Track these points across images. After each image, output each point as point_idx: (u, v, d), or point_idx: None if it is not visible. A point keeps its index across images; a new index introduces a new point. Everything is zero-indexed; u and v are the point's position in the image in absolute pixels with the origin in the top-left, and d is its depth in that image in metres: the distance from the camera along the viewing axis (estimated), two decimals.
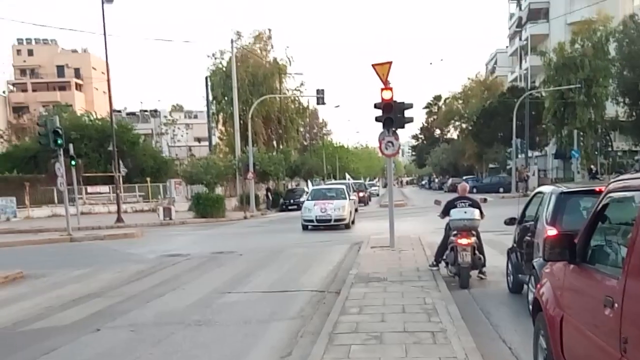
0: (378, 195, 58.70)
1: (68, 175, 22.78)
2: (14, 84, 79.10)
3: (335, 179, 50.90)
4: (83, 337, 7.47)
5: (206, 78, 45.25)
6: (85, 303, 9.66)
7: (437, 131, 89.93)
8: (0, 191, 32.67)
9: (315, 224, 20.74)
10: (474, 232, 9.86)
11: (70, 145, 26.17)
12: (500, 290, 9.31)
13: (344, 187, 23.87)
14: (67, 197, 22.38)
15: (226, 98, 44.47)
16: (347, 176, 48.82)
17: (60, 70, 78.94)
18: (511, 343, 6.50)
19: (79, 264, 14.38)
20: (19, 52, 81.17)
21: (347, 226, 20.98)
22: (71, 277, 12.59)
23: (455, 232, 9.85)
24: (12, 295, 10.77)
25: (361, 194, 38.97)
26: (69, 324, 8.25)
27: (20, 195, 33.38)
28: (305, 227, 21.08)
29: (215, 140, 51.31)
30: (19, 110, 69.64)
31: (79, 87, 79.45)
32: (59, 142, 20.45)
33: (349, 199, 22.16)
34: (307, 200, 22.52)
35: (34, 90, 76.80)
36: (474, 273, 9.99)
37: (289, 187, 47.59)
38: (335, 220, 20.71)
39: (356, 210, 27.31)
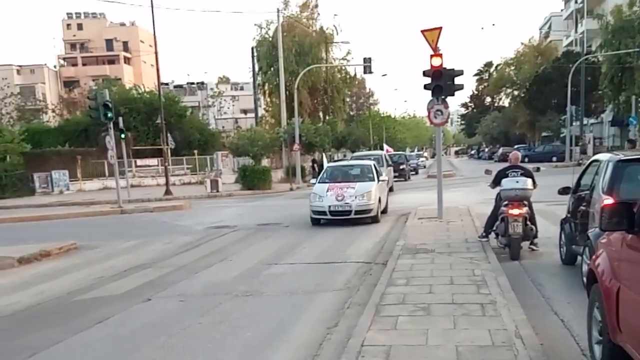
0: (425, 167, 54.95)
1: (118, 149, 23.23)
2: (64, 58, 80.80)
3: (382, 149, 49.34)
4: (135, 307, 7.64)
5: (252, 49, 45.22)
6: (136, 273, 9.89)
7: (488, 99, 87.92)
8: (54, 164, 33.66)
9: (329, 217, 14.67)
10: (525, 202, 9.60)
11: (120, 119, 26.51)
12: (553, 262, 9.07)
13: (371, 164, 17.22)
14: (118, 170, 22.87)
15: (272, 69, 44.44)
16: (385, 147, 44.47)
17: (109, 44, 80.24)
18: (563, 315, 6.33)
19: (129, 236, 14.74)
20: (68, 26, 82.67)
21: (375, 219, 14.83)
22: (122, 248, 12.92)
23: (506, 202, 9.60)
24: (66, 265, 11.12)
25: (401, 167, 34.43)
26: (121, 294, 8.46)
27: (73, 168, 34.32)
28: (315, 222, 14.97)
29: (261, 111, 51.46)
30: (69, 84, 71.27)
31: (127, 60, 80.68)
32: (109, 115, 20.80)
33: (379, 180, 15.88)
34: (319, 182, 16.21)
35: (84, 65, 78.34)
36: (525, 244, 9.75)
37: (335, 158, 47.39)
38: (357, 212, 14.53)
39: (390, 189, 22.72)
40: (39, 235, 14.81)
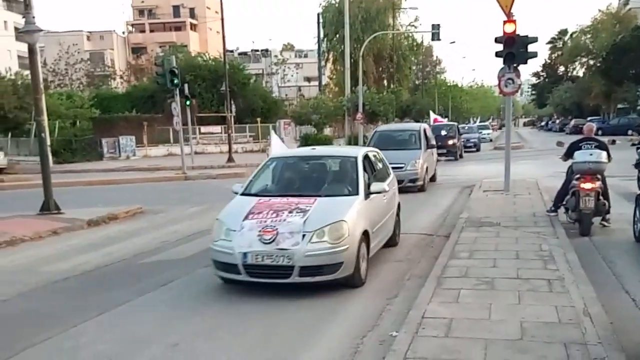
0: (491, 140, 46.03)
1: (183, 115, 23.58)
2: (132, 25, 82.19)
3: (448, 119, 45.39)
4: (197, 271, 7.78)
5: (318, 15, 44.86)
6: (199, 239, 9.97)
7: (561, 68, 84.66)
8: (121, 130, 34.49)
9: (242, 276, 6.43)
10: (599, 176, 9.18)
11: (185, 86, 26.79)
12: (626, 239, 8.68)
13: (360, 154, 7.94)
14: (182, 137, 23.25)
15: (337, 36, 44.12)
16: (433, 117, 37.72)
17: (176, 10, 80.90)
18: (635, 295, 6.07)
19: (193, 202, 15.03)
20: None
21: (352, 281, 6.58)
22: (186, 214, 13.19)
23: (578, 176, 9.22)
24: (133, 229, 11.45)
25: (451, 142, 27.02)
26: (184, 258, 8.66)
27: (139, 134, 35.16)
28: (227, 281, 6.81)
29: (325, 79, 51.17)
30: (137, 51, 72.41)
31: (193, 27, 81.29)
32: (175, 82, 21.12)
33: (368, 194, 7.32)
34: (241, 195, 7.91)
35: (151, 31, 79.37)
36: (597, 220, 9.36)
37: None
38: (306, 270, 6.26)
39: (432, 179, 17.08)
40: (107, 199, 15.28)
